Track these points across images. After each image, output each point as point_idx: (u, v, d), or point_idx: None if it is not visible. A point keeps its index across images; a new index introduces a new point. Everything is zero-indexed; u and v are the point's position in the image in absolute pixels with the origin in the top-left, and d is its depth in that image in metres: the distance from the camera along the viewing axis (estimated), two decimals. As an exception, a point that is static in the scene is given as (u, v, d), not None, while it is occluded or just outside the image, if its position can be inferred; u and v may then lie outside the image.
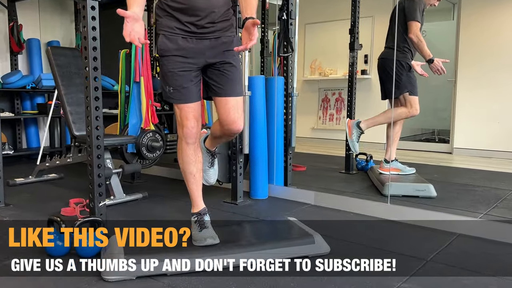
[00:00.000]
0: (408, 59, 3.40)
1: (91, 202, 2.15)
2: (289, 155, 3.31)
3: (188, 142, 2.02)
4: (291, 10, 3.23)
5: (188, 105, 1.98)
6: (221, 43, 1.99)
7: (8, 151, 4.43)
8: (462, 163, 4.84)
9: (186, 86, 1.96)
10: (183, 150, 2.04)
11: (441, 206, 2.85)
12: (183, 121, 1.99)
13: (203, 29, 1.93)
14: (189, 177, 2.07)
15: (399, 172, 3.49)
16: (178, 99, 1.97)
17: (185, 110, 1.99)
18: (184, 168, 2.07)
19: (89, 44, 2.08)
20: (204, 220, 2.05)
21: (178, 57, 1.93)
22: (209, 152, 2.31)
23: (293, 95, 3.28)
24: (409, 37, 3.29)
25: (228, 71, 2.01)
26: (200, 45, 1.95)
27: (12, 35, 4.66)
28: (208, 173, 2.31)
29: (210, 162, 2.31)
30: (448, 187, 3.47)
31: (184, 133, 2.00)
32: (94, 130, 2.10)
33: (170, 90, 1.96)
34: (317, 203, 2.98)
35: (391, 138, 3.52)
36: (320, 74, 6.39)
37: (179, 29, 1.92)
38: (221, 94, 2.03)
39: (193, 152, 2.06)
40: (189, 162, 2.05)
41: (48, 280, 1.79)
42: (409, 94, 3.42)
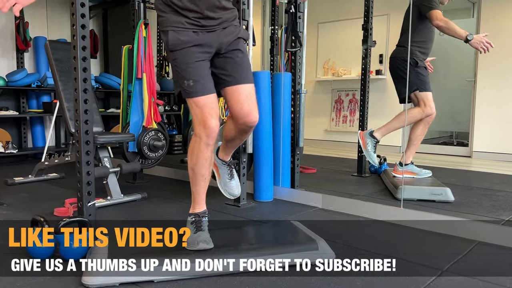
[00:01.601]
0: (414, 55, 3.18)
1: (79, 202, 2.01)
2: (296, 155, 3.14)
3: (209, 144, 1.83)
4: (299, 2, 3.07)
5: (210, 99, 1.82)
6: (229, 33, 1.89)
7: (11, 150, 4.35)
8: (482, 167, 4.59)
9: (205, 75, 1.83)
10: (201, 152, 1.84)
11: (459, 211, 2.65)
12: (207, 119, 1.80)
13: (210, 20, 1.83)
14: (200, 180, 1.89)
15: (414, 175, 3.28)
16: (201, 91, 1.80)
17: (208, 106, 1.80)
18: (197, 170, 1.88)
19: (77, 32, 1.95)
20: (202, 222, 1.89)
21: (192, 47, 1.80)
22: (225, 163, 2.14)
23: (301, 92, 3.10)
24: (435, 25, 3.06)
25: (238, 56, 1.88)
26: (210, 36, 1.84)
27: (18, 33, 4.60)
28: (230, 185, 2.13)
29: (229, 174, 2.14)
30: (467, 191, 3.26)
31: (207, 133, 1.80)
32: (83, 125, 1.96)
33: (190, 84, 1.79)
34: (325, 207, 2.80)
35: (411, 140, 3.32)
36: (333, 75, 6.20)
37: (189, 24, 1.81)
38: (232, 82, 1.88)
39: (210, 155, 1.88)
40: (204, 165, 1.86)
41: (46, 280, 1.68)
42: (419, 91, 3.21)
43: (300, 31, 3.09)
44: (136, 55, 3.35)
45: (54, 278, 1.70)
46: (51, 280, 1.69)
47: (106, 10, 5.55)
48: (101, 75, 5.26)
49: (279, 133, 3.02)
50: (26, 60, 4.82)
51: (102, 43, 5.63)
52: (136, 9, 3.44)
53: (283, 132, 3.03)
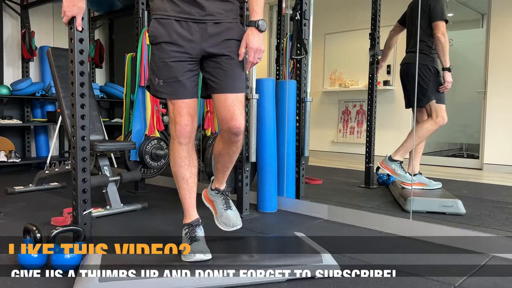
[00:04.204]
0: (436, 63, 3.10)
1: (74, 210, 1.94)
2: (301, 165, 3.05)
3: (180, 142, 1.78)
4: (305, 9, 3.02)
5: (183, 100, 1.76)
6: (222, 30, 1.75)
7: (14, 159, 4.31)
8: (493, 179, 4.46)
9: (179, 79, 1.73)
10: (175, 151, 1.80)
11: (471, 224, 2.53)
12: (176, 118, 1.76)
13: (199, 10, 1.70)
14: (181, 182, 1.83)
15: (424, 187, 3.18)
16: (169, 93, 1.74)
17: (178, 105, 1.76)
18: (176, 172, 1.83)
19: (75, 36, 1.90)
20: (196, 232, 1.80)
21: (170, 45, 1.71)
22: (219, 191, 2.00)
23: (306, 101, 3.03)
24: (437, 36, 2.99)
25: (226, 63, 1.76)
26: (197, 30, 1.72)
27: (24, 42, 4.60)
28: (226, 215, 1.95)
29: (225, 204, 1.96)
30: (478, 204, 3.14)
31: (177, 131, 1.77)
32: (79, 130, 1.90)
33: (160, 83, 1.73)
34: (331, 218, 2.70)
35: (413, 150, 3.22)
36: (341, 85, 6.12)
37: (173, 11, 1.70)
38: (218, 90, 1.78)
39: (186, 154, 1.81)
40: (181, 165, 1.81)
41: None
42: (436, 102, 3.12)
43: (306, 38, 3.03)
44: (140, 63, 3.31)
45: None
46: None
47: (112, 20, 5.55)
48: (106, 84, 5.24)
49: (284, 142, 2.94)
50: (31, 69, 4.81)
51: (108, 52, 5.62)
52: (140, 16, 3.41)
53: (288, 140, 2.95)
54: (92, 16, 5.34)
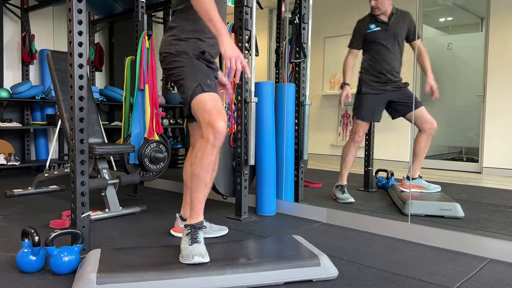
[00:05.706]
0: (362, 80, 3.50)
1: (72, 213, 1.94)
2: (300, 168, 3.05)
3: (215, 145, 1.79)
4: (303, 13, 3.03)
5: (219, 99, 1.93)
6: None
7: (14, 162, 4.31)
8: (492, 183, 4.46)
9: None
10: (208, 154, 1.79)
11: (470, 228, 2.53)
12: (217, 119, 1.78)
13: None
14: (200, 185, 1.83)
15: (422, 190, 3.18)
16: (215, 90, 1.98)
17: (217, 106, 1.85)
18: (198, 174, 1.82)
19: (74, 39, 1.91)
20: (198, 234, 1.81)
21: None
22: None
23: (305, 104, 3.04)
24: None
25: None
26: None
27: (24, 45, 4.61)
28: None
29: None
30: (477, 207, 3.14)
31: (218, 132, 1.77)
32: (78, 133, 1.90)
33: (212, 84, 1.96)
34: (329, 221, 2.70)
35: (416, 154, 3.23)
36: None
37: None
38: None
39: (215, 159, 1.86)
40: (208, 170, 1.82)
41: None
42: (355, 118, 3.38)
43: (304, 42, 3.04)
44: (139, 66, 3.32)
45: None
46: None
47: (112, 24, 5.57)
48: (106, 87, 5.24)
49: (283, 145, 2.94)
50: (31, 72, 4.82)
51: (108, 56, 5.63)
52: (140, 20, 3.42)
53: (287, 144, 2.96)
54: (92, 20, 5.35)
